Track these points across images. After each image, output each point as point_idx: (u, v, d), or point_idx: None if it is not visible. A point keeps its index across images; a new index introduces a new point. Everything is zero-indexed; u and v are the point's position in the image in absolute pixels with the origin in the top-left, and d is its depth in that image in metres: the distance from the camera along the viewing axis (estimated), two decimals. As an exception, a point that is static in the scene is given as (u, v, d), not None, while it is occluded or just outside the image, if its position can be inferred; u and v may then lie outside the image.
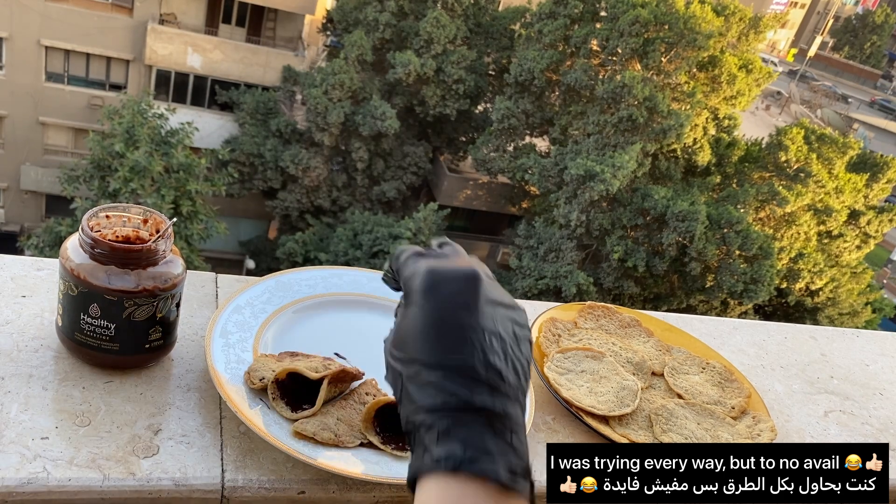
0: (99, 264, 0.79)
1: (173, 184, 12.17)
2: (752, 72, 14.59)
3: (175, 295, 0.86)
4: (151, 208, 0.88)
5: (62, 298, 0.83)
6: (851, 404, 1.25)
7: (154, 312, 0.82)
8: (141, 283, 0.81)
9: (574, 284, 13.29)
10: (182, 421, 0.83)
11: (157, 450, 0.79)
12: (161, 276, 0.82)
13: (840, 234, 14.58)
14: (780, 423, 1.14)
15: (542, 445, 0.95)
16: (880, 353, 1.45)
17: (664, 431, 1.00)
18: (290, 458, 0.80)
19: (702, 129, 14.19)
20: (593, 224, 13.71)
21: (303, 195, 16.12)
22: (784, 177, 14.24)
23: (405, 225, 14.23)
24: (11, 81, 15.89)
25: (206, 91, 17.13)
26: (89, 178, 12.62)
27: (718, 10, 14.57)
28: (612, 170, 12.72)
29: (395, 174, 16.55)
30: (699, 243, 12.86)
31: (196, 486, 0.77)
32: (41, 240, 12.51)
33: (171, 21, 16.63)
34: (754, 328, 1.42)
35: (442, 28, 15.45)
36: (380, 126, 15.08)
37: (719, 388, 1.13)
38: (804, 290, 14.49)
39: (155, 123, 12.66)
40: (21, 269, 0.99)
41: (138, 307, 0.81)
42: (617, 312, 1.23)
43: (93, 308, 0.81)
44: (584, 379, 1.05)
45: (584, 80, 14.16)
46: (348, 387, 0.91)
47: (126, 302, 0.80)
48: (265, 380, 0.86)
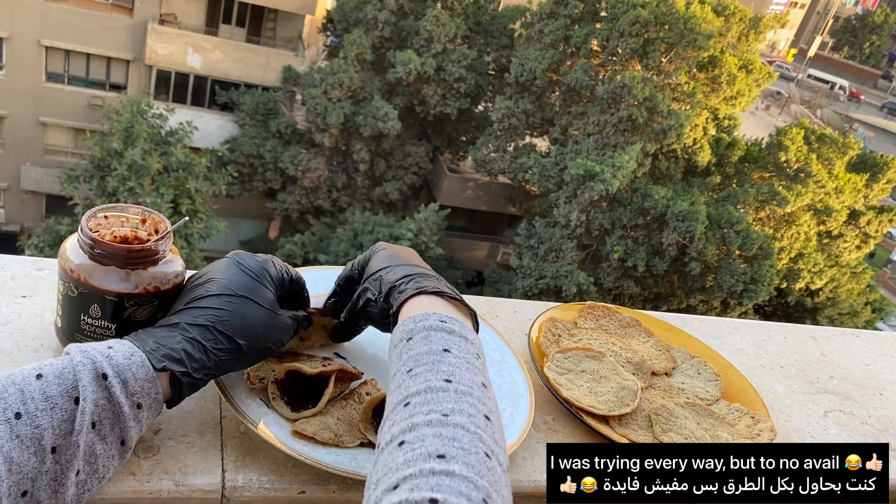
0: (99, 265, 0.79)
1: (172, 182, 12.16)
2: (752, 72, 14.59)
3: (175, 295, 0.85)
4: (150, 208, 0.88)
5: (62, 299, 0.83)
6: (851, 404, 1.25)
7: (155, 312, 0.82)
8: (141, 283, 0.80)
9: (574, 284, 13.29)
10: (182, 421, 0.83)
11: (157, 450, 0.79)
12: (161, 276, 0.82)
13: (840, 234, 14.58)
14: (780, 423, 1.14)
15: (542, 445, 0.95)
16: (880, 353, 1.45)
17: (664, 431, 1.00)
18: (290, 458, 0.80)
19: (702, 130, 14.19)
20: (593, 224, 13.71)
21: (302, 196, 16.11)
22: (784, 177, 14.24)
23: (406, 225, 14.23)
24: (11, 81, 15.89)
25: (206, 91, 17.13)
26: (89, 178, 12.62)
27: (718, 11, 14.57)
28: (612, 170, 12.72)
29: (395, 174, 16.54)
30: (699, 243, 12.86)
31: (196, 486, 0.77)
32: (41, 239, 12.50)
33: (171, 21, 16.63)
34: (754, 328, 1.42)
35: (442, 27, 15.44)
36: (381, 127, 15.07)
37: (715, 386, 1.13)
38: (804, 290, 14.49)
39: (154, 123, 12.66)
40: (21, 269, 0.99)
41: (139, 307, 0.81)
42: (617, 312, 1.23)
43: (93, 309, 0.80)
44: (584, 379, 1.05)
45: (585, 80, 14.16)
46: (348, 387, 0.91)
47: (127, 302, 0.80)
48: (265, 380, 0.87)
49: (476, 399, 0.66)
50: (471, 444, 0.60)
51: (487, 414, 0.66)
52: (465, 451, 0.59)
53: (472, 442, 0.60)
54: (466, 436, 0.61)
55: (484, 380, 0.71)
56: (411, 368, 0.70)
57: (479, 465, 0.58)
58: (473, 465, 0.58)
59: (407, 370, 0.70)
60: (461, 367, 0.70)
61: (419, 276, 0.83)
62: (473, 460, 0.58)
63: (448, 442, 0.59)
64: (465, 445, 0.60)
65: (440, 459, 0.57)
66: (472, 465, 0.58)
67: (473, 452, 0.59)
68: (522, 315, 1.23)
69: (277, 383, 0.86)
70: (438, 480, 0.55)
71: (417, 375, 0.68)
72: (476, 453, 0.59)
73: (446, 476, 0.56)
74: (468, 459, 0.58)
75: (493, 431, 0.64)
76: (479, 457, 0.59)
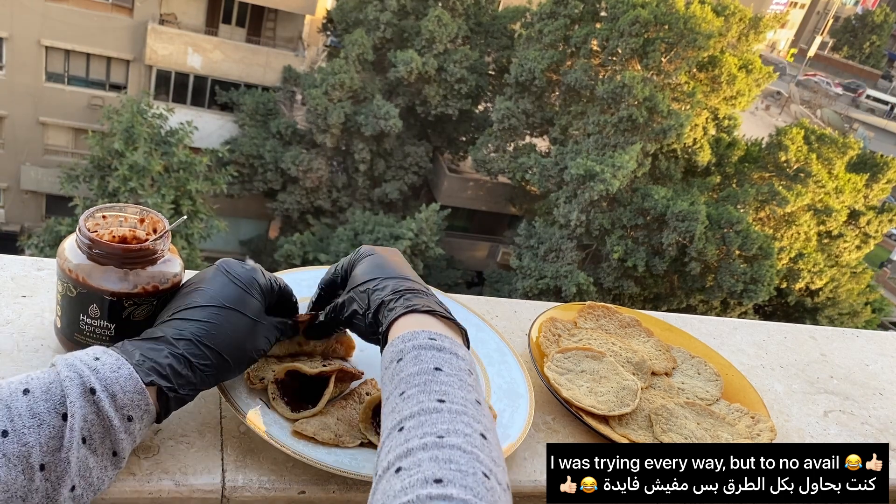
0: (97, 265, 0.79)
1: (173, 183, 12.17)
2: (752, 72, 14.59)
3: (174, 294, 0.85)
4: (150, 208, 0.88)
5: (61, 299, 0.83)
6: (851, 404, 1.25)
7: (154, 312, 0.82)
8: (140, 282, 0.80)
9: (574, 284, 13.29)
10: (182, 421, 0.83)
11: (157, 449, 0.79)
12: (160, 275, 0.82)
13: (840, 234, 14.58)
14: (780, 423, 1.14)
15: (542, 445, 0.95)
16: (880, 353, 1.45)
17: (664, 431, 1.00)
18: (290, 458, 0.80)
19: (702, 129, 14.19)
20: (593, 224, 13.71)
21: (303, 196, 16.11)
22: (784, 177, 14.24)
23: (406, 225, 14.23)
24: (11, 81, 15.89)
25: (206, 91, 17.13)
26: (89, 178, 12.63)
27: (718, 11, 14.57)
28: (612, 170, 12.72)
29: (395, 174, 16.54)
30: (699, 243, 12.86)
31: (196, 486, 0.77)
32: (41, 239, 12.50)
33: (171, 21, 16.63)
34: (754, 328, 1.42)
35: (443, 27, 15.45)
36: (383, 126, 15.07)
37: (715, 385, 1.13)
38: (804, 290, 14.49)
39: (154, 123, 12.66)
40: (21, 269, 0.99)
41: (138, 307, 0.81)
42: (617, 312, 1.23)
43: (92, 309, 0.80)
44: (584, 379, 1.05)
45: (585, 80, 14.16)
46: (348, 387, 0.91)
47: (125, 302, 0.80)
48: (265, 380, 0.87)
49: (471, 417, 0.66)
50: (468, 465, 0.60)
51: (483, 432, 0.65)
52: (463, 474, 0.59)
53: (469, 463, 0.60)
54: (463, 457, 0.61)
55: (478, 396, 0.70)
56: (403, 391, 0.69)
57: (477, 486, 0.58)
58: (471, 487, 0.58)
59: (399, 393, 0.69)
60: (454, 385, 0.69)
61: (409, 294, 0.81)
62: (471, 482, 0.58)
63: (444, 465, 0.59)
64: (462, 467, 0.59)
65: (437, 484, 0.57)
66: (470, 486, 0.58)
67: (471, 474, 0.59)
68: (522, 315, 1.23)
69: (277, 383, 0.86)
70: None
71: (410, 398, 0.68)
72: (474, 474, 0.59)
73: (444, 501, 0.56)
74: (466, 482, 0.58)
75: (490, 450, 0.64)
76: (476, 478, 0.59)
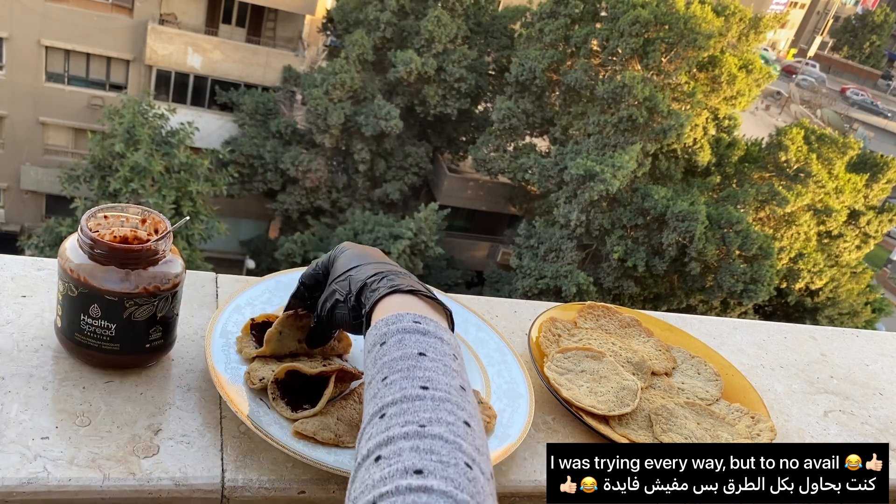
0: (98, 265, 0.79)
1: (174, 184, 12.17)
2: (752, 72, 14.59)
3: (175, 294, 0.85)
4: (151, 208, 0.88)
5: (61, 299, 0.83)
6: (851, 404, 1.25)
7: (154, 312, 0.82)
8: (141, 283, 0.80)
9: (574, 284, 13.29)
10: (182, 421, 0.83)
11: (157, 450, 0.79)
12: (161, 275, 0.82)
13: (840, 234, 14.57)
14: (780, 423, 1.14)
15: (542, 445, 0.95)
16: (880, 353, 1.45)
17: (664, 431, 1.00)
18: (290, 458, 0.80)
19: (702, 129, 14.19)
20: (593, 224, 13.71)
21: (303, 196, 16.11)
22: (784, 177, 14.24)
23: (406, 225, 14.23)
24: (11, 81, 15.89)
25: (206, 91, 17.12)
26: (89, 178, 12.62)
27: (718, 11, 14.57)
28: (612, 170, 12.72)
29: (395, 174, 16.54)
30: (699, 243, 12.86)
31: (196, 486, 0.77)
32: (41, 240, 12.50)
33: (171, 21, 16.62)
34: (754, 328, 1.42)
35: (443, 27, 15.44)
36: (384, 126, 15.07)
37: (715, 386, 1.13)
38: (804, 290, 14.48)
39: (155, 124, 12.66)
40: (21, 269, 0.99)
41: (139, 307, 0.81)
42: (617, 312, 1.23)
43: (93, 309, 0.80)
44: (584, 379, 1.05)
45: (585, 80, 14.16)
46: (348, 387, 0.91)
47: (126, 302, 0.80)
48: (265, 380, 0.87)
49: (454, 405, 0.65)
50: (450, 456, 0.59)
51: (467, 419, 0.64)
52: (444, 464, 0.58)
53: (450, 453, 0.59)
54: (445, 447, 0.60)
55: (462, 382, 0.69)
56: (386, 376, 0.68)
57: (458, 477, 0.57)
58: (453, 479, 0.57)
59: (382, 378, 0.68)
60: (438, 371, 0.68)
61: (391, 274, 0.80)
62: (453, 473, 0.57)
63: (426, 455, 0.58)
64: (443, 458, 0.58)
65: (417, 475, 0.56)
66: (451, 478, 0.57)
67: (453, 464, 0.58)
68: (522, 315, 1.23)
69: (277, 383, 0.86)
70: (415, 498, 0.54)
71: (392, 384, 0.66)
72: (456, 465, 0.58)
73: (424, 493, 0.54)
74: (447, 473, 0.57)
75: (473, 438, 0.62)
76: (458, 468, 0.58)
